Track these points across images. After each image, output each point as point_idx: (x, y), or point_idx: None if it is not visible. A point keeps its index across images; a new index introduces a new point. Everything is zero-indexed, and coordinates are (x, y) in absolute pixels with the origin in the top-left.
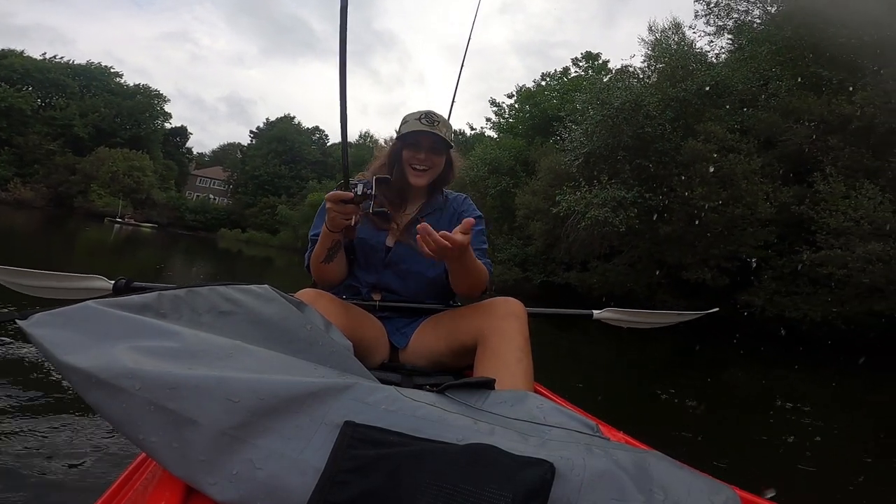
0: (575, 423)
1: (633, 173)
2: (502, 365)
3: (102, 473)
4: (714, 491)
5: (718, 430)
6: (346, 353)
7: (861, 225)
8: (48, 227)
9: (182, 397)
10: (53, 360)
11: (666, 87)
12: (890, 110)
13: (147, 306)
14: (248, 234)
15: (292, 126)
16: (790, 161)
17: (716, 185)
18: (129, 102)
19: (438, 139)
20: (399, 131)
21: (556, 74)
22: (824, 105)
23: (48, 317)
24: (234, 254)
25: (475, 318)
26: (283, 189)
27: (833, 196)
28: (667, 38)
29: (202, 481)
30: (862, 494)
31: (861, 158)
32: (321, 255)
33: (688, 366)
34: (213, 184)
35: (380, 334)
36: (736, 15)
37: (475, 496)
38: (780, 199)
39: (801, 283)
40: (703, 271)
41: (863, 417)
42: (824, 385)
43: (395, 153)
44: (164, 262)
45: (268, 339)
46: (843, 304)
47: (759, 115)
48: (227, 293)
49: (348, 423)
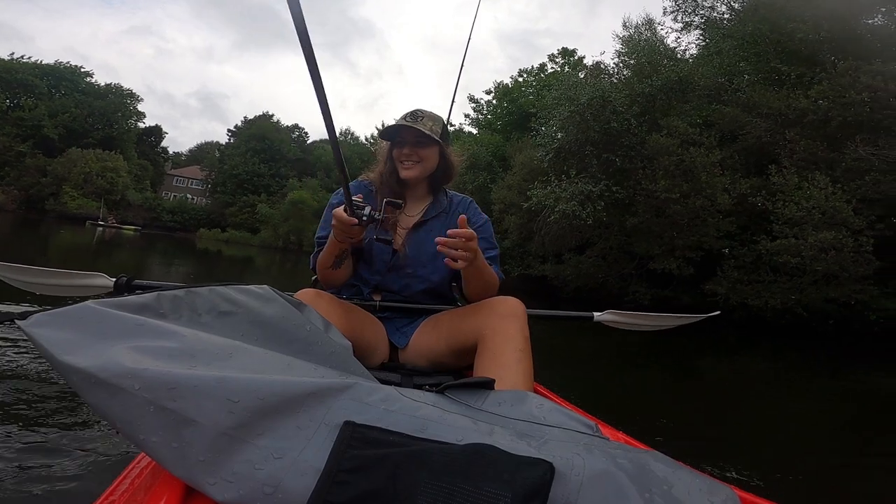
0: (574, 423)
1: (601, 167)
2: (502, 365)
3: (102, 473)
4: (713, 491)
5: (717, 428)
6: (346, 354)
7: (813, 214)
8: (20, 230)
9: (182, 397)
10: (53, 360)
11: (634, 83)
12: (843, 104)
13: (147, 306)
14: (228, 234)
15: (271, 124)
16: (751, 154)
17: (678, 178)
18: (100, 102)
19: (419, 133)
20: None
21: (533, 70)
22: (783, 99)
23: (48, 317)
24: (213, 254)
25: (475, 318)
26: (262, 188)
27: (787, 187)
28: (639, 34)
29: (202, 481)
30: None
31: (816, 151)
32: (328, 261)
33: (676, 359)
34: (191, 183)
35: (380, 334)
36: (703, 11)
37: (474, 496)
38: (739, 190)
39: (762, 271)
40: (670, 262)
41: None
42: (788, 373)
43: (387, 153)
44: (140, 264)
45: (268, 340)
46: (801, 292)
47: (722, 109)
48: (227, 293)
49: (348, 423)
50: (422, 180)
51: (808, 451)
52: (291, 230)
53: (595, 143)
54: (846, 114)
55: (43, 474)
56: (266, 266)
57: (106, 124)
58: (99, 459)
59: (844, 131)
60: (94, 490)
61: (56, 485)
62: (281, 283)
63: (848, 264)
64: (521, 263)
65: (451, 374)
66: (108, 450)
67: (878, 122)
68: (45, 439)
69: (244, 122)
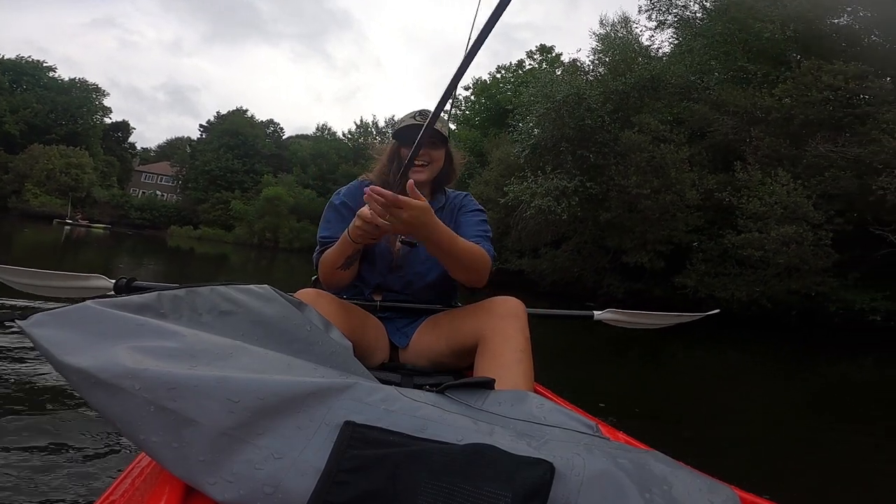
0: (575, 423)
1: (576, 163)
2: (502, 365)
3: (102, 473)
4: (714, 491)
5: (714, 425)
6: (346, 354)
7: (775, 209)
8: None
9: (182, 397)
10: (53, 360)
11: (608, 81)
12: (805, 102)
13: (147, 306)
14: (201, 231)
15: (245, 119)
16: (718, 151)
17: (649, 174)
18: (63, 97)
19: (433, 132)
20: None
21: (511, 67)
22: (749, 98)
23: (48, 317)
24: (185, 252)
25: (475, 319)
26: (236, 184)
27: (752, 183)
28: (615, 31)
29: (202, 481)
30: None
31: (779, 148)
32: (338, 261)
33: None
34: (160, 180)
35: (380, 334)
36: (676, 10)
37: (475, 496)
38: (706, 186)
39: (728, 264)
40: (642, 255)
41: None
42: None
43: (393, 153)
44: (107, 263)
45: (268, 339)
46: (765, 284)
47: (692, 107)
48: (228, 293)
49: (348, 423)
50: (429, 182)
51: (789, 441)
52: (267, 227)
53: (570, 139)
54: (808, 112)
55: (43, 474)
56: (241, 263)
57: (70, 120)
58: (99, 459)
59: (806, 129)
60: (95, 490)
61: (56, 485)
62: (257, 281)
63: (808, 257)
64: (499, 258)
65: (451, 374)
66: (108, 450)
67: (838, 120)
68: (46, 439)
69: (217, 117)
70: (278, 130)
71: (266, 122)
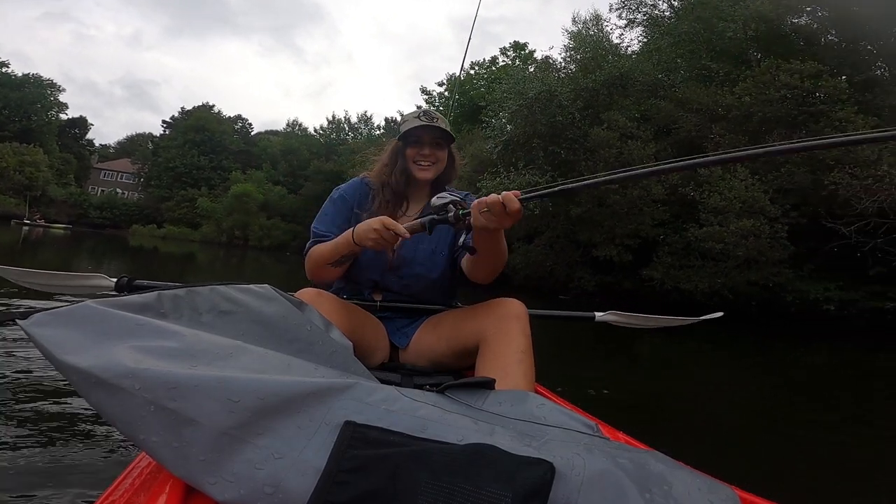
0: (575, 423)
1: (547, 159)
2: (503, 366)
3: (102, 473)
4: (713, 490)
5: (713, 423)
6: (347, 353)
7: (734, 204)
8: None
9: (182, 397)
10: (54, 359)
11: (579, 78)
12: (764, 100)
13: (147, 306)
14: (166, 230)
15: (212, 115)
16: (682, 147)
17: (617, 169)
18: (16, 94)
19: (440, 132)
20: (400, 130)
21: (485, 63)
22: (711, 95)
23: (48, 317)
24: (148, 251)
25: (477, 320)
26: (203, 181)
27: (712, 178)
28: (587, 29)
29: (202, 481)
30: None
31: (739, 144)
32: (331, 258)
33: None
34: (121, 177)
35: (380, 334)
36: (645, 9)
37: (475, 496)
38: (671, 181)
39: (692, 257)
40: (611, 249)
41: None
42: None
43: (397, 152)
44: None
45: (268, 339)
46: (726, 276)
47: (659, 104)
48: (228, 293)
49: (348, 422)
50: (431, 181)
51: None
52: (236, 224)
53: (542, 135)
54: (766, 110)
55: (43, 474)
56: (209, 262)
57: (24, 116)
58: (99, 459)
59: (765, 126)
60: (95, 490)
61: (56, 485)
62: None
63: (765, 249)
64: None
65: (451, 375)
66: (108, 449)
67: (794, 117)
68: (46, 439)
69: (181, 112)
70: (247, 126)
71: (234, 118)
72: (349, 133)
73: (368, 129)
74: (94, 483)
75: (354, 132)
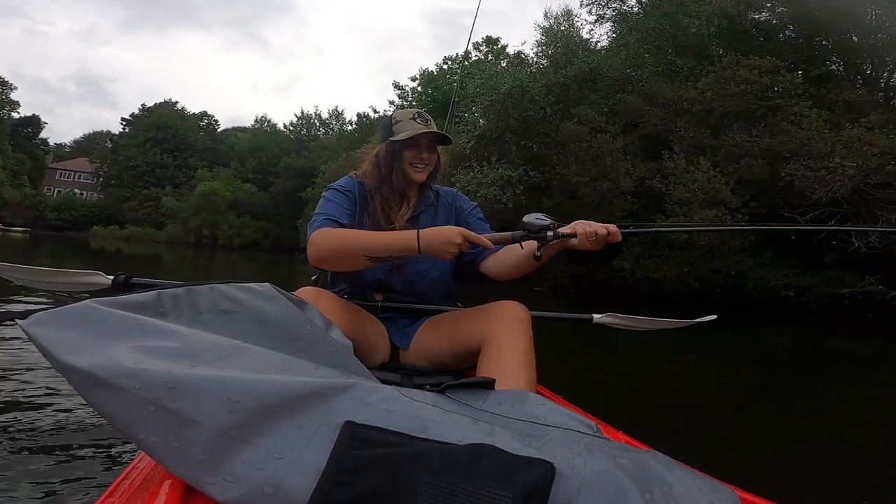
0: (575, 423)
1: (519, 153)
2: (506, 368)
3: (102, 473)
4: (714, 490)
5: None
6: (347, 353)
7: (697, 195)
8: None
9: (182, 397)
10: (53, 359)
11: (550, 73)
12: (724, 95)
13: (147, 305)
14: (129, 231)
15: (175, 111)
16: (649, 140)
17: (587, 163)
18: None
19: (439, 137)
20: (394, 132)
21: (458, 58)
22: (676, 90)
23: (48, 316)
24: (110, 254)
25: (479, 321)
26: (167, 179)
27: (677, 171)
28: (559, 24)
29: (202, 481)
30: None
31: (702, 138)
32: (376, 253)
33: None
34: (78, 177)
35: (380, 334)
36: (615, 4)
37: (475, 496)
38: (638, 174)
39: (660, 246)
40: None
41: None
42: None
43: (394, 154)
44: None
45: (268, 338)
46: (691, 265)
47: (626, 99)
48: (228, 291)
49: (349, 422)
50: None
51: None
52: (204, 223)
53: (514, 130)
54: (727, 104)
55: (43, 475)
56: (176, 263)
57: None
58: (99, 459)
59: (725, 120)
60: (95, 490)
61: (56, 485)
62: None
63: (727, 238)
64: None
65: (451, 375)
66: (108, 449)
67: (753, 111)
68: (45, 439)
69: (142, 109)
70: (213, 123)
71: (199, 115)
72: (320, 129)
73: (340, 124)
74: (94, 483)
75: (326, 128)
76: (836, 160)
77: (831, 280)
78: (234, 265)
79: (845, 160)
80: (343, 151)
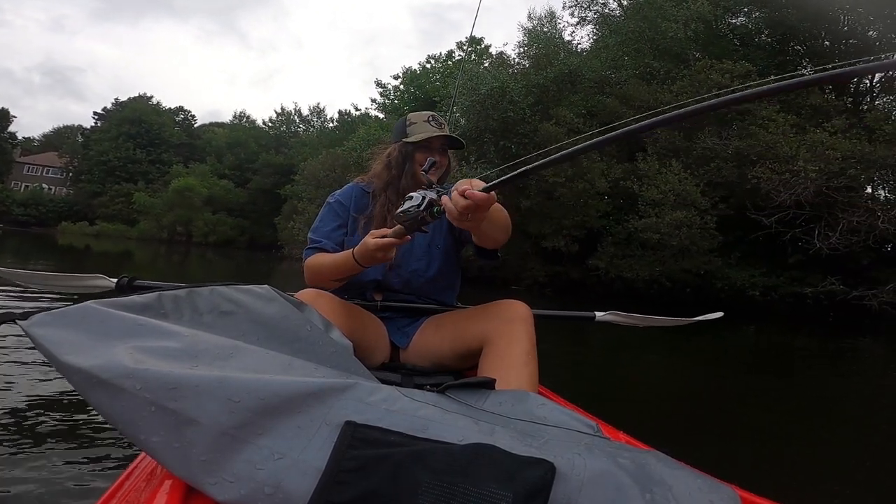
0: (575, 423)
1: (499, 154)
2: (508, 368)
3: (102, 473)
4: (714, 490)
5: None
6: (347, 353)
7: (669, 196)
8: None
9: (183, 397)
10: (54, 360)
11: (531, 74)
12: (698, 99)
13: (148, 306)
14: (99, 227)
15: (149, 106)
16: (624, 142)
17: (563, 164)
18: None
19: (451, 140)
20: (407, 133)
21: (441, 57)
22: (652, 93)
23: (49, 317)
24: (79, 251)
25: (481, 321)
26: (139, 175)
27: (650, 172)
28: (541, 25)
29: (203, 481)
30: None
31: (674, 141)
32: (336, 275)
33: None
34: (47, 172)
35: (380, 334)
36: (596, 7)
37: (476, 496)
38: (613, 175)
39: (633, 246)
40: (558, 240)
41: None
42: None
43: (406, 155)
44: None
45: (268, 339)
46: (663, 264)
47: (604, 100)
48: (228, 293)
49: (349, 423)
50: None
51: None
52: (178, 220)
53: (493, 130)
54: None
55: (44, 475)
56: (149, 260)
57: None
58: (100, 459)
59: (697, 124)
60: (95, 490)
61: (57, 485)
62: (169, 278)
63: (696, 239)
64: None
65: (452, 375)
66: (109, 450)
67: (722, 115)
68: (46, 440)
69: (115, 103)
70: (189, 118)
71: (175, 110)
72: (300, 125)
73: (321, 121)
74: (94, 484)
75: (306, 124)
76: (800, 164)
77: (795, 279)
78: (210, 262)
79: (808, 164)
80: (323, 149)
